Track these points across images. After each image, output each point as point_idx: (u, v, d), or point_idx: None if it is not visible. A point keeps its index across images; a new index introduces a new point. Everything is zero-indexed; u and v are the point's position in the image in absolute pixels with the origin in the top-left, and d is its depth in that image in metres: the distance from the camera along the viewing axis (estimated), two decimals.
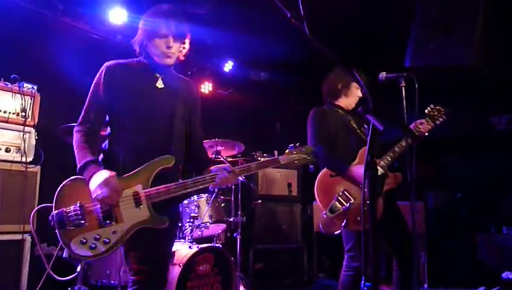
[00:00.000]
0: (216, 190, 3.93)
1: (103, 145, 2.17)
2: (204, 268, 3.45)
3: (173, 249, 3.47)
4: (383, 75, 2.78)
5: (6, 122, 3.24)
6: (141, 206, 1.98)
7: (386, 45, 4.67)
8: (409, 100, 2.68)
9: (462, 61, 3.79)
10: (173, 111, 2.19)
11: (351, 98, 3.07)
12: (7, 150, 3.21)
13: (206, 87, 5.99)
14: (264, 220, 5.09)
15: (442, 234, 5.18)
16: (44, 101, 3.45)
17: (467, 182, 5.48)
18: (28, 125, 3.32)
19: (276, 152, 5.43)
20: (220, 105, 6.10)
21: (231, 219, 4.11)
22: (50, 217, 1.93)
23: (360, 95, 3.06)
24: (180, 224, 3.87)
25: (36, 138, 3.35)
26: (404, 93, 2.72)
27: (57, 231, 1.90)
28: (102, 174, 1.91)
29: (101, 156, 2.12)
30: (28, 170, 3.27)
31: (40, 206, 2.11)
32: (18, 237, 3.17)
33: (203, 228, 3.76)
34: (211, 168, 2.25)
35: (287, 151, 2.30)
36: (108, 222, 1.93)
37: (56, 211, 1.91)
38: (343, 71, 3.01)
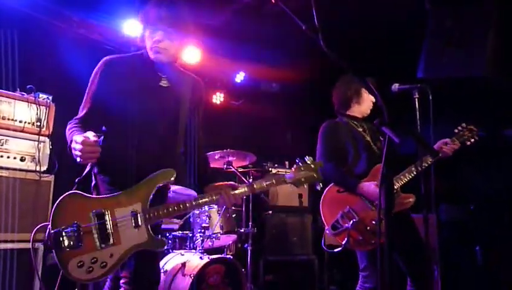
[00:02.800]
0: None
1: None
2: (215, 279, 3.43)
3: (184, 259, 3.47)
4: (395, 86, 2.76)
5: (22, 131, 3.28)
6: (140, 227, 1.88)
7: (398, 57, 4.67)
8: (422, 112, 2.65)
9: (475, 73, 3.76)
10: (177, 114, 2.09)
11: (363, 104, 2.98)
12: (22, 159, 3.26)
13: (218, 98, 6.03)
14: (274, 231, 5.06)
15: (455, 247, 5.10)
16: (59, 111, 3.50)
17: (480, 194, 5.40)
18: (42, 135, 3.37)
19: (287, 163, 5.44)
20: (232, 116, 6.13)
21: (242, 230, 4.10)
22: (47, 236, 1.84)
23: (373, 99, 2.97)
24: (191, 234, 3.87)
25: (50, 147, 3.39)
26: (417, 104, 2.70)
27: (53, 251, 1.80)
28: (77, 135, 1.82)
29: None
30: (42, 179, 3.31)
31: (41, 224, 2.00)
32: (29, 245, 3.18)
33: (214, 239, 3.75)
34: (214, 184, 2.17)
35: (294, 166, 2.21)
36: (105, 243, 1.83)
37: (53, 231, 1.80)
38: (350, 79, 2.96)
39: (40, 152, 3.33)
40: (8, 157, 3.19)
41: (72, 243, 1.80)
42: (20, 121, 3.28)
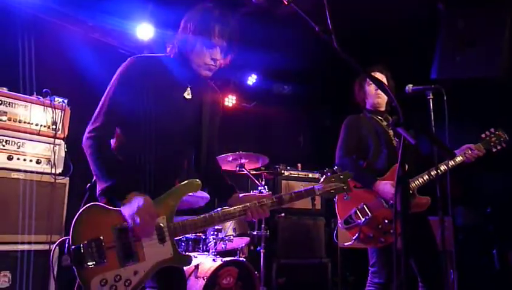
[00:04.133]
0: None
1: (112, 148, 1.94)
2: (227, 281, 3.43)
3: (197, 261, 3.48)
4: (409, 87, 2.74)
5: (38, 134, 3.33)
6: (165, 242, 1.79)
7: (411, 58, 4.63)
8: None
9: (489, 74, 3.71)
10: (198, 129, 2.01)
11: (370, 98, 2.96)
12: (38, 162, 3.30)
13: (230, 100, 6.05)
14: (287, 234, 5.04)
15: (472, 251, 5.02)
16: (74, 114, 3.55)
17: (497, 197, 5.31)
18: (58, 138, 3.41)
19: (299, 165, 5.43)
20: (244, 118, 6.14)
21: (254, 233, 4.09)
22: (66, 252, 1.71)
23: (379, 92, 2.89)
24: (204, 237, 3.88)
25: (66, 150, 3.44)
26: (431, 105, 2.67)
27: (74, 268, 1.68)
28: (137, 199, 1.71)
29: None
30: (57, 181, 3.35)
31: (61, 239, 1.92)
32: (46, 247, 3.23)
33: (226, 241, 3.75)
34: (238, 195, 2.06)
35: (323, 178, 2.16)
36: (129, 260, 1.72)
37: (74, 246, 1.68)
38: (359, 76, 2.97)
39: (55, 155, 3.37)
40: (25, 160, 3.24)
41: (93, 259, 1.69)
42: (36, 124, 3.33)
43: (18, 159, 3.21)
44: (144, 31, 4.51)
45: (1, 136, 3.15)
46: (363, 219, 2.64)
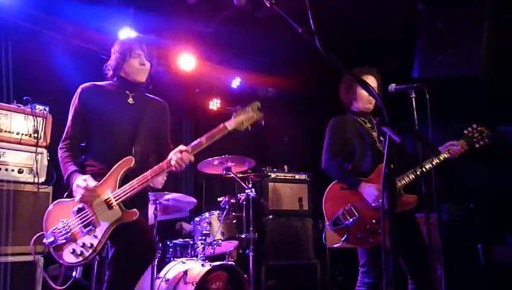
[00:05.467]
0: (227, 207, 3.92)
1: (82, 157, 2.44)
2: (217, 286, 3.42)
3: (186, 267, 3.45)
4: (392, 86, 2.76)
5: (19, 143, 3.27)
6: (113, 207, 2.22)
7: (391, 57, 4.68)
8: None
9: (469, 73, 3.78)
10: (139, 121, 2.43)
11: (360, 101, 2.96)
12: (20, 171, 3.24)
13: (215, 104, 6.03)
14: (275, 236, 5.04)
15: (457, 247, 5.09)
16: (56, 122, 3.49)
17: (481, 192, 5.40)
18: (40, 146, 3.35)
19: (285, 167, 5.44)
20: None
21: (243, 236, 4.08)
22: (44, 241, 2.23)
23: (369, 97, 2.93)
24: (192, 242, 3.85)
25: (48, 158, 3.38)
26: (414, 104, 2.70)
27: (51, 249, 2.22)
28: (79, 179, 2.23)
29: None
30: (40, 190, 3.29)
31: (38, 234, 2.31)
32: (30, 258, 3.16)
33: (215, 246, 3.73)
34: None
35: (233, 114, 2.39)
36: (88, 229, 2.20)
37: (47, 233, 2.24)
38: (348, 77, 2.96)
39: (37, 164, 3.31)
40: (6, 169, 3.17)
41: (62, 237, 2.21)
42: (18, 133, 3.27)
43: (0, 169, 3.14)
44: (126, 35, 4.46)
45: None
46: (351, 220, 2.67)
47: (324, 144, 2.93)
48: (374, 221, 2.67)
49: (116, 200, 2.23)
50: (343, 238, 2.66)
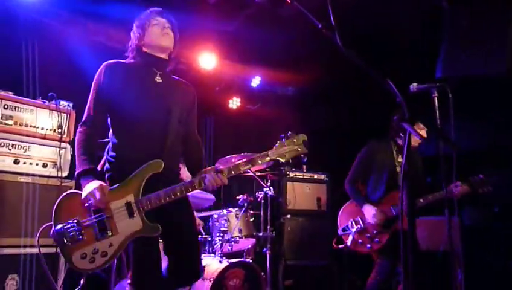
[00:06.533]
0: (246, 204, 3.93)
1: (108, 146, 2.25)
2: (234, 283, 3.43)
3: (203, 263, 3.47)
4: (414, 86, 2.72)
5: (44, 138, 3.34)
6: (134, 216, 2.03)
7: (415, 57, 4.61)
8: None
9: (495, 71, 3.69)
10: (170, 107, 2.22)
11: (412, 140, 3.12)
12: (44, 166, 3.32)
13: (234, 103, 6.05)
14: (293, 235, 5.02)
15: (479, 251, 4.97)
16: (80, 118, 3.55)
17: (504, 195, 5.27)
18: (64, 141, 3.42)
19: (304, 166, 5.41)
20: (248, 120, 6.13)
21: (260, 234, 4.08)
22: (51, 234, 2.01)
23: (419, 141, 3.24)
24: (209, 238, 3.88)
25: (71, 153, 3.45)
26: (436, 104, 2.65)
27: (58, 247, 1.99)
28: (93, 185, 2.00)
29: (109, 155, 2.20)
30: (63, 184, 3.36)
31: (45, 225, 2.15)
32: (53, 250, 3.24)
33: (232, 243, 3.75)
34: (203, 170, 2.21)
35: (277, 143, 2.28)
36: (104, 235, 2.01)
37: (56, 228, 1.99)
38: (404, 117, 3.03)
39: (61, 158, 3.38)
40: (31, 163, 3.25)
41: (73, 237, 1.97)
42: (42, 128, 3.35)
43: (24, 163, 3.22)
44: None
45: (7, 140, 3.16)
46: (357, 227, 3.34)
47: (352, 165, 3.51)
48: (375, 231, 3.30)
49: (138, 209, 2.04)
50: (348, 241, 3.35)
